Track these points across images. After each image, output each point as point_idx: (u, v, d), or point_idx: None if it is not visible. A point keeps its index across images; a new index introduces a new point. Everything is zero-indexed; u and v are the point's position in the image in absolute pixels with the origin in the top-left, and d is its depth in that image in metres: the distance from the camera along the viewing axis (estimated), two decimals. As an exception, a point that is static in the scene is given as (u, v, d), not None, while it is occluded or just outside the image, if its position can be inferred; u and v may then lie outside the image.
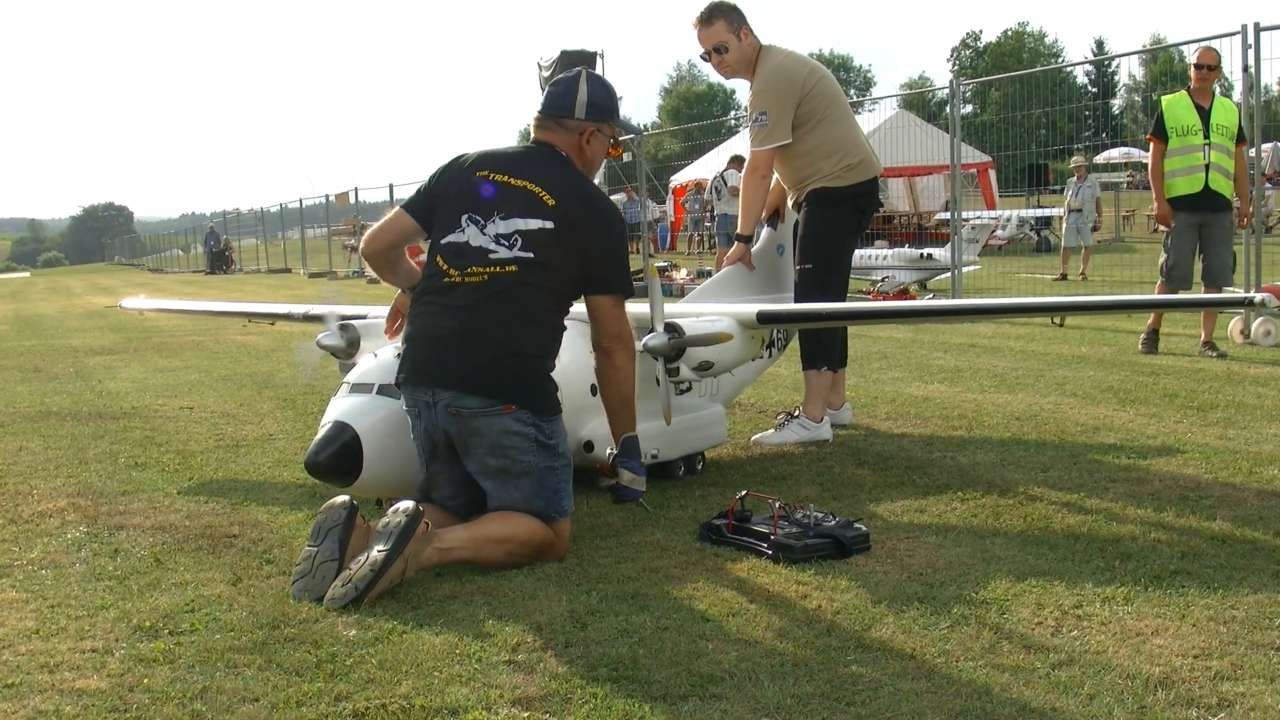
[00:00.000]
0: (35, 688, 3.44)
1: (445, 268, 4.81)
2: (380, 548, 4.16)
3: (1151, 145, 10.50)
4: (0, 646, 3.79)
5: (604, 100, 5.08)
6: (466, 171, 4.96)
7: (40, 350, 14.41)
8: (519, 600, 4.11)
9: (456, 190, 4.93)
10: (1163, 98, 10.68)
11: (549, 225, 4.76)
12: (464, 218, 4.83)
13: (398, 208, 5.18)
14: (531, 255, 4.71)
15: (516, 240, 4.73)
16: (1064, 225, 22.69)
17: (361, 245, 5.22)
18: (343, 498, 4.37)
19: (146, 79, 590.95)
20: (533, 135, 5.12)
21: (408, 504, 4.31)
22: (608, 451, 5.21)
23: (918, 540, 4.75)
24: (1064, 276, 20.84)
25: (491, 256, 4.72)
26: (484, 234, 4.77)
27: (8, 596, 4.33)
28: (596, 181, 5.38)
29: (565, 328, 4.97)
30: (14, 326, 20.00)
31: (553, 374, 4.81)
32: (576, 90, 5.03)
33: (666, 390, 5.45)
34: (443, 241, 4.87)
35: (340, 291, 6.95)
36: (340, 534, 4.24)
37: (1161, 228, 10.51)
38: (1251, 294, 5.84)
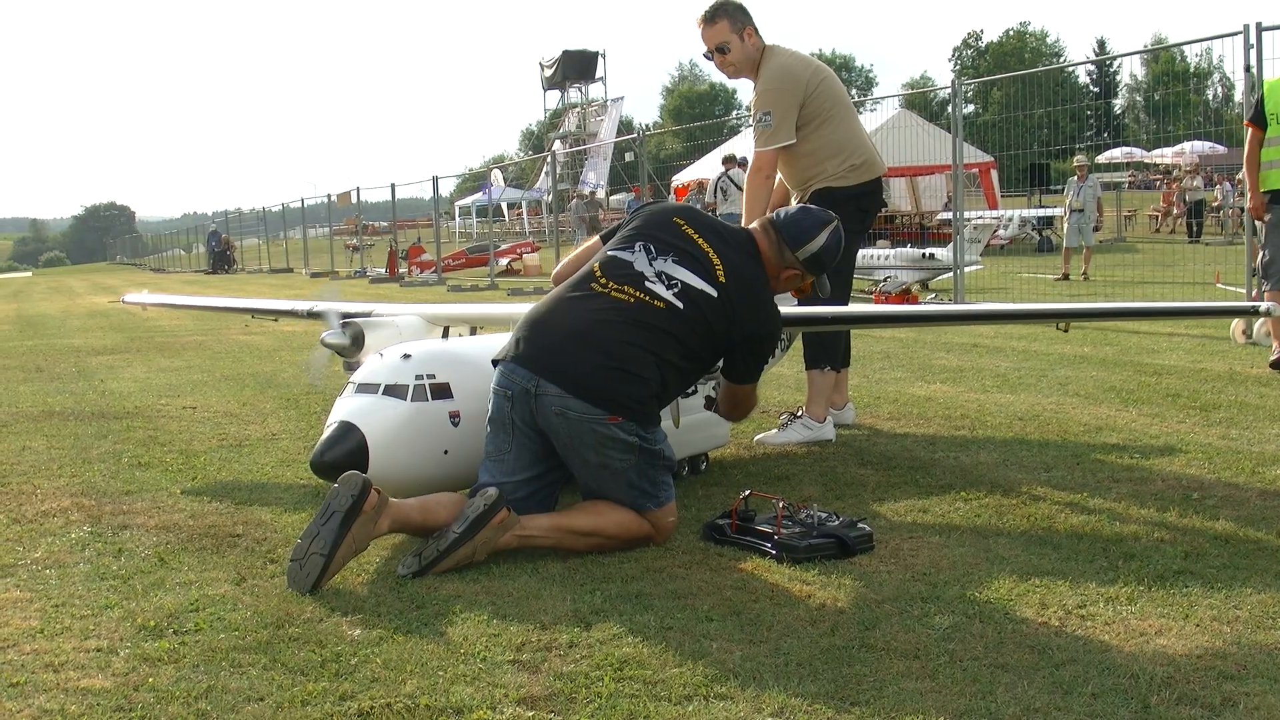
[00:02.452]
0: (40, 687, 3.45)
1: (598, 274, 4.89)
2: (455, 528, 4.34)
3: (1249, 132, 9.68)
4: (5, 646, 3.79)
5: (829, 258, 5.24)
6: (665, 213, 5.13)
7: (42, 350, 14.42)
8: (523, 600, 4.11)
9: (647, 223, 5.07)
10: (1266, 80, 10.03)
11: (712, 294, 4.83)
12: (639, 243, 4.94)
13: (596, 237, 5.38)
14: (682, 306, 4.78)
15: (677, 285, 4.81)
16: (1065, 225, 22.68)
17: (556, 272, 5.48)
18: (359, 474, 4.34)
19: (148, 79, 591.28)
20: (756, 224, 5.28)
21: (492, 491, 4.41)
22: None
23: (921, 540, 4.76)
24: (1066, 276, 20.86)
25: (647, 285, 4.80)
26: (650, 265, 4.86)
27: (12, 596, 4.33)
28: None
29: (685, 390, 5.19)
30: (16, 326, 20.02)
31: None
32: (818, 237, 5.16)
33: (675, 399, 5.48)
34: (609, 252, 4.99)
35: (338, 289, 6.94)
36: (341, 522, 4.22)
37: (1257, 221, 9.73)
38: (1256, 304, 5.83)
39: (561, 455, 4.74)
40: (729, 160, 24.28)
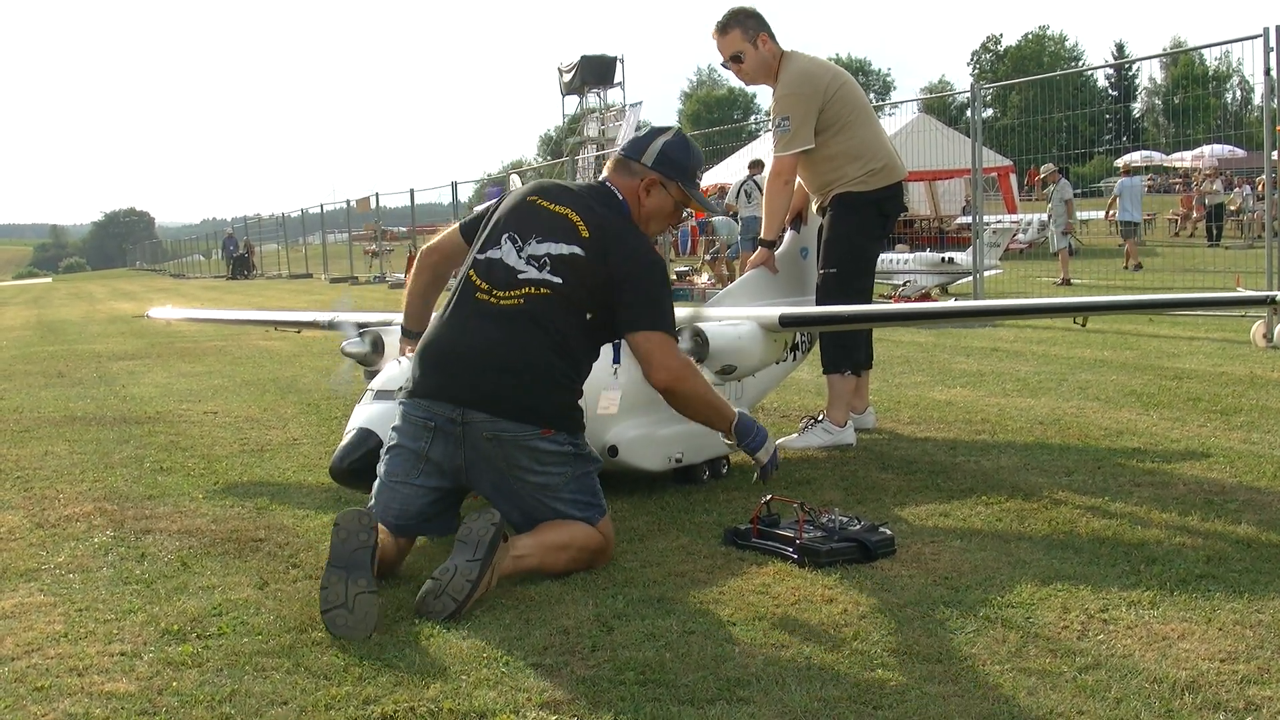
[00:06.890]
0: (65, 691, 3.46)
1: (478, 282, 4.68)
2: (469, 558, 4.07)
3: None
4: (29, 650, 3.81)
5: (678, 157, 4.94)
6: (520, 197, 4.92)
7: (63, 355, 14.48)
8: (545, 604, 4.12)
9: (508, 213, 4.87)
10: None
11: (579, 252, 4.64)
12: (504, 236, 4.75)
13: (456, 226, 5.20)
14: (560, 280, 4.60)
15: (545, 262, 4.63)
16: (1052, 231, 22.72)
17: (420, 252, 5.26)
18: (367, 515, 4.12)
19: (168, 84, 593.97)
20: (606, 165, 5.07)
21: (493, 513, 4.19)
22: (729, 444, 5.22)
23: (942, 544, 4.75)
24: (1066, 281, 20.71)
25: (521, 277, 4.62)
26: (520, 255, 4.67)
27: (36, 600, 4.35)
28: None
29: (598, 354, 4.86)
30: (37, 332, 20.12)
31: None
32: (655, 139, 4.95)
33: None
34: (479, 256, 4.78)
35: (352, 300, 6.92)
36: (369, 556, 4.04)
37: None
38: (1274, 293, 5.80)
39: (488, 492, 4.56)
40: (755, 165, 24.24)
